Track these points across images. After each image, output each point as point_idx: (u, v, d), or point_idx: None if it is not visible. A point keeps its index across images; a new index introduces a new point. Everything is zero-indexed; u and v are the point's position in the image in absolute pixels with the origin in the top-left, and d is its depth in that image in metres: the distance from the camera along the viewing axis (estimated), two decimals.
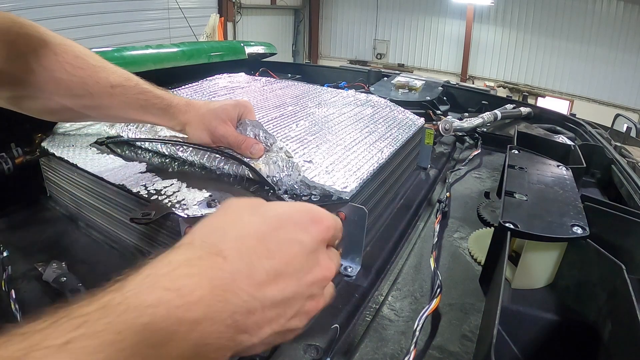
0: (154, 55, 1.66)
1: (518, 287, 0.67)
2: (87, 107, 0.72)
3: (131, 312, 0.28)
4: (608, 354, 0.53)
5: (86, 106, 0.72)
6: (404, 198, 1.02)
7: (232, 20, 8.59)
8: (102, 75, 0.70)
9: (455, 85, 2.25)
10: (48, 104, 0.70)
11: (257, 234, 0.37)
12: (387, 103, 1.25)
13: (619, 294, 0.53)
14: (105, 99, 0.71)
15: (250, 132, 0.78)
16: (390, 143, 0.95)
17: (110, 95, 0.71)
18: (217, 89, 1.25)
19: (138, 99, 0.74)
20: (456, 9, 9.35)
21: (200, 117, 0.77)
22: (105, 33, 5.89)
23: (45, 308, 0.29)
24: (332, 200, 0.71)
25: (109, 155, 0.85)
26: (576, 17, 8.24)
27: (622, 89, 8.06)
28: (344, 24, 11.04)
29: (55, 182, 0.91)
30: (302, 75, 2.30)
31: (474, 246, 0.83)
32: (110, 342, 0.26)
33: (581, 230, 0.63)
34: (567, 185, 0.80)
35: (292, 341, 0.57)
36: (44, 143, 0.91)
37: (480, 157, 1.34)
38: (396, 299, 0.69)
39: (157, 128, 0.90)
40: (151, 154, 0.88)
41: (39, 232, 0.83)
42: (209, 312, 0.31)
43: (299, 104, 1.16)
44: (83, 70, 0.69)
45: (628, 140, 1.57)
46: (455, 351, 0.58)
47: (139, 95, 0.74)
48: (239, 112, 0.80)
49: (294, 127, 0.97)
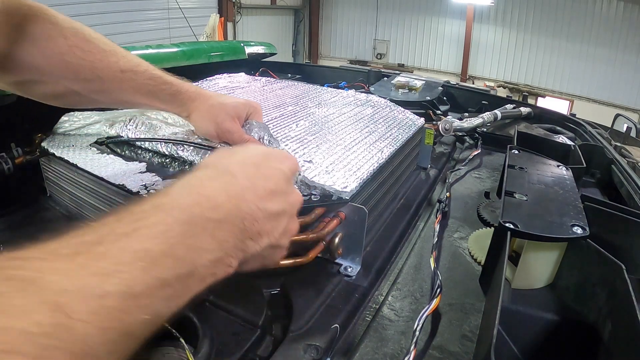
0: (154, 55, 1.66)
1: (518, 287, 0.67)
2: (95, 91, 0.71)
3: (176, 210, 0.37)
4: (608, 354, 0.53)
5: (94, 90, 0.71)
6: (404, 198, 1.02)
7: (232, 20, 8.60)
8: (112, 60, 0.70)
9: (455, 85, 2.25)
10: (55, 88, 0.69)
11: (254, 162, 0.48)
12: (387, 103, 1.25)
13: (619, 294, 0.53)
14: (115, 84, 0.71)
15: (256, 133, 0.78)
16: (390, 143, 0.95)
17: (119, 80, 0.71)
18: (217, 89, 1.25)
19: (147, 84, 0.74)
20: (456, 9, 9.35)
21: (209, 107, 0.78)
22: (105, 33, 5.77)
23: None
24: (332, 200, 0.71)
25: (109, 155, 0.85)
26: (576, 17, 8.24)
27: (622, 89, 8.06)
28: (344, 24, 11.04)
29: (55, 182, 0.91)
30: (302, 75, 2.30)
31: (474, 246, 0.83)
32: (162, 232, 0.35)
33: (581, 230, 0.63)
34: (567, 185, 0.80)
35: (292, 341, 0.58)
36: (44, 143, 0.91)
37: (480, 157, 1.34)
38: (396, 299, 0.69)
39: (157, 127, 0.90)
40: (151, 154, 0.88)
41: (39, 232, 0.83)
42: (228, 215, 0.41)
43: (299, 104, 1.16)
44: (93, 54, 0.68)
45: (628, 140, 1.57)
46: (455, 351, 0.58)
47: (148, 80, 0.74)
48: (248, 111, 0.80)
49: (294, 127, 0.97)
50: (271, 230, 0.46)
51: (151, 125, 0.90)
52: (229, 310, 0.64)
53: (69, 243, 0.32)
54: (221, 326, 0.60)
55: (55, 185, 0.91)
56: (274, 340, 0.61)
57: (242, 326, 0.61)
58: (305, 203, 0.70)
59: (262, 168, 0.48)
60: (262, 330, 0.61)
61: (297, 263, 0.70)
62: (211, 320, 0.61)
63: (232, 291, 0.67)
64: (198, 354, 0.54)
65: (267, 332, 0.62)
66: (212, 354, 0.55)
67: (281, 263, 0.69)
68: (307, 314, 0.63)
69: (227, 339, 0.58)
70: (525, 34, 8.88)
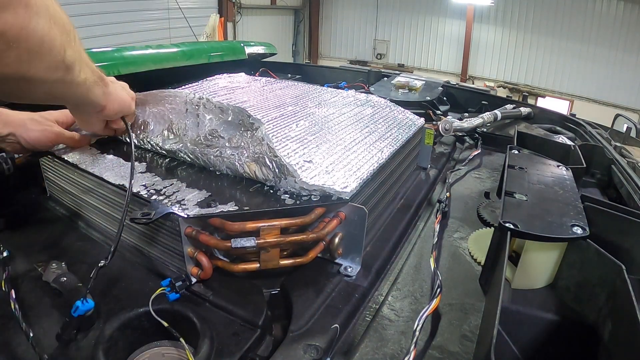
0: (154, 55, 1.66)
1: (518, 287, 0.67)
2: None
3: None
4: (608, 354, 0.53)
5: None
6: (404, 198, 1.02)
7: (232, 20, 8.59)
8: None
9: (455, 86, 2.25)
10: None
11: None
12: (387, 103, 1.25)
13: (619, 294, 0.53)
14: None
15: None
16: (390, 143, 0.95)
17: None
18: (217, 89, 1.25)
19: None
20: (456, 9, 9.35)
21: (29, 118, 0.82)
22: (105, 33, 5.89)
23: (45, 308, 0.30)
24: (332, 200, 0.71)
25: (109, 155, 0.85)
26: (576, 17, 8.24)
27: (622, 89, 8.05)
28: (344, 24, 11.03)
29: (55, 182, 0.91)
30: (302, 75, 2.30)
31: (474, 246, 0.83)
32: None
33: (581, 230, 0.63)
34: (567, 186, 0.80)
35: (292, 341, 0.58)
36: None
37: (480, 157, 1.34)
38: (396, 299, 0.69)
39: (149, 129, 0.90)
40: (151, 154, 0.88)
41: (39, 232, 0.83)
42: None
43: (299, 104, 1.16)
44: None
45: (628, 140, 1.56)
46: (455, 351, 0.58)
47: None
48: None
49: (294, 127, 0.97)
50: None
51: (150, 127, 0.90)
52: (229, 310, 0.64)
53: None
54: (221, 326, 0.60)
55: (55, 185, 0.91)
56: (274, 340, 0.61)
57: (242, 326, 0.61)
58: (305, 203, 0.70)
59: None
60: (262, 330, 0.61)
61: (297, 263, 0.70)
62: (211, 320, 0.61)
63: (232, 291, 0.67)
64: (198, 354, 0.54)
65: (267, 332, 0.62)
66: (212, 354, 0.55)
67: (281, 263, 0.69)
68: (307, 314, 0.63)
69: (227, 339, 0.58)
70: (525, 33, 8.87)
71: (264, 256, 0.67)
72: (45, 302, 0.63)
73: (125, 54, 1.56)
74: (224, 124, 0.79)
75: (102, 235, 0.82)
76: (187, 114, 0.84)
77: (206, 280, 0.68)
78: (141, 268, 0.73)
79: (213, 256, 0.69)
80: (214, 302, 0.65)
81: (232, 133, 0.78)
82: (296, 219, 0.68)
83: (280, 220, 0.67)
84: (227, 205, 0.68)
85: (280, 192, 0.73)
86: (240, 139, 0.77)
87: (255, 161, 0.75)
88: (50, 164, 0.90)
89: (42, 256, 0.74)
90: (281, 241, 0.66)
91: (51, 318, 0.61)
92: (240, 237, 0.65)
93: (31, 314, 0.61)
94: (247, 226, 0.65)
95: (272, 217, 0.67)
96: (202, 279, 0.67)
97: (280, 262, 0.69)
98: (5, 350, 0.56)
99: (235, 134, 0.78)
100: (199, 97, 0.83)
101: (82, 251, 0.78)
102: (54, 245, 0.79)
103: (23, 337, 0.55)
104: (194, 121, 0.83)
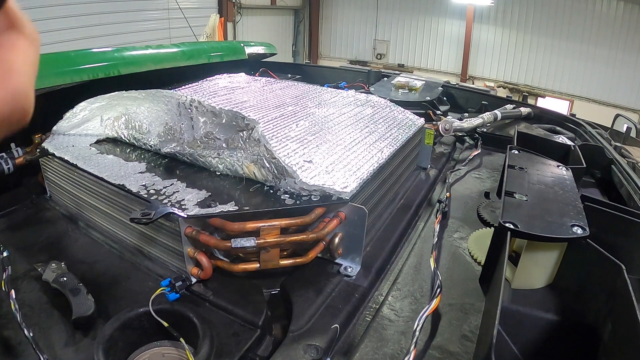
0: (154, 55, 1.66)
1: (518, 287, 0.67)
2: None
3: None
4: (608, 354, 0.53)
5: None
6: (404, 198, 1.02)
7: (232, 20, 8.60)
8: None
9: (455, 86, 2.25)
10: None
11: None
12: (387, 103, 1.25)
13: (619, 294, 0.53)
14: None
15: None
16: (390, 143, 0.95)
17: None
18: (217, 89, 1.25)
19: None
20: (456, 9, 9.35)
21: None
22: (105, 33, 5.89)
23: (45, 308, 0.30)
24: (332, 200, 0.71)
25: (109, 155, 0.85)
26: (576, 17, 8.24)
27: (622, 89, 8.06)
28: (344, 24, 11.04)
29: (55, 182, 0.91)
30: (302, 76, 2.30)
31: (474, 246, 0.82)
32: None
33: (581, 230, 0.63)
34: (567, 186, 0.80)
35: (292, 341, 0.58)
36: (44, 143, 0.91)
37: (480, 157, 1.34)
38: (396, 299, 0.69)
39: (144, 128, 0.90)
40: (151, 154, 0.88)
41: (39, 232, 0.83)
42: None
43: (299, 104, 1.16)
44: None
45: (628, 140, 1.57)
46: (455, 351, 0.58)
47: None
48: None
49: (294, 127, 0.97)
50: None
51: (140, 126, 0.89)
52: (229, 310, 0.64)
53: None
54: (221, 326, 0.60)
55: (55, 185, 0.91)
56: (274, 340, 0.61)
57: (242, 326, 0.61)
58: (305, 203, 0.70)
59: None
60: (262, 331, 0.61)
61: (297, 263, 0.70)
62: (211, 320, 0.61)
63: (232, 291, 0.67)
64: (198, 354, 0.54)
65: (267, 332, 0.62)
66: (212, 354, 0.55)
67: (281, 263, 0.69)
68: (307, 314, 0.63)
69: (227, 339, 0.58)
70: (525, 34, 8.88)
71: (264, 256, 0.67)
72: (45, 302, 0.64)
73: (125, 54, 1.56)
74: (219, 126, 0.79)
75: (102, 235, 0.82)
76: (181, 117, 0.84)
77: (206, 280, 0.68)
78: (141, 268, 0.73)
79: (213, 256, 0.69)
80: (214, 302, 0.65)
81: (228, 134, 0.78)
82: (296, 219, 0.68)
83: (280, 220, 0.67)
84: (227, 205, 0.68)
85: (280, 192, 0.73)
86: (237, 140, 0.77)
87: (254, 162, 0.75)
88: (50, 164, 0.90)
89: (42, 256, 0.74)
90: (281, 241, 0.66)
91: (51, 318, 0.61)
92: (240, 237, 0.65)
93: (31, 314, 0.61)
94: (247, 226, 0.65)
95: (272, 217, 0.67)
96: (202, 279, 0.67)
97: (280, 262, 0.69)
98: (5, 350, 0.56)
99: (231, 135, 0.78)
100: (191, 100, 0.82)
101: (81, 251, 0.78)
102: (54, 245, 0.79)
103: (23, 337, 0.55)
104: (189, 124, 0.83)
